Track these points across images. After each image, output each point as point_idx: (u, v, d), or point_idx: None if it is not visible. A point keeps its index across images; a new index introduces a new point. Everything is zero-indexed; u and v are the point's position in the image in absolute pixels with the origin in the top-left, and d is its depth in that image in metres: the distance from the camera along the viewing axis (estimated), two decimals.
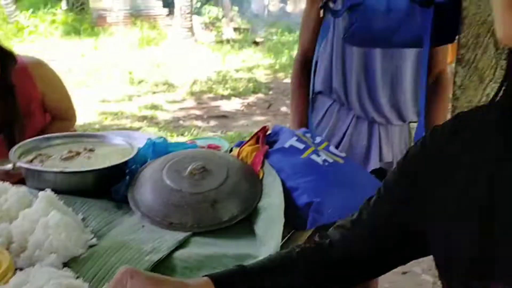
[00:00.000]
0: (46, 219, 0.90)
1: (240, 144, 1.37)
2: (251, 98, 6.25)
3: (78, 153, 1.25)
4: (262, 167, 1.19)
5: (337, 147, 1.42)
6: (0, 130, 1.61)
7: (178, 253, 0.92)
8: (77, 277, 0.83)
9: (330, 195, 1.08)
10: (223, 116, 5.47)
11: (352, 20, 1.33)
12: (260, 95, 6.43)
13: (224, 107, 5.87)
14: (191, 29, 9.78)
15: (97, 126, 4.93)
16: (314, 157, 1.16)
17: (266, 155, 1.21)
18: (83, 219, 1.04)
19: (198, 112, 5.59)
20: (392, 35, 1.35)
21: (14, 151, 1.21)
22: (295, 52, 1.76)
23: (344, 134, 1.55)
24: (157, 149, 1.28)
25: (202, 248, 0.95)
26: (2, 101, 1.58)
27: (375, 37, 1.37)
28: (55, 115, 1.77)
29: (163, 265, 0.88)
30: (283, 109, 5.80)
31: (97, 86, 6.77)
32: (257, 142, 1.30)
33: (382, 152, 1.56)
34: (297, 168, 1.13)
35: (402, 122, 1.58)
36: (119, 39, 9.41)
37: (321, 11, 1.48)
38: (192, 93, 6.39)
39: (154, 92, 6.38)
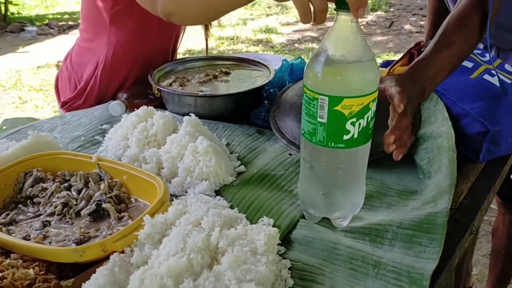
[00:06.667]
0: (194, 144, 0.86)
1: (387, 64, 1.21)
2: (370, 17, 5.81)
3: (215, 76, 1.19)
4: None
5: None
6: None
7: None
8: (231, 206, 0.79)
9: (510, 122, 0.90)
10: None
11: None
12: (379, 12, 5.95)
13: None
14: None
15: (214, 52, 4.96)
16: (487, 77, 0.97)
17: None
18: (227, 145, 1.00)
19: (313, 34, 5.34)
20: None
21: (152, 75, 1.19)
22: None
23: None
24: (295, 71, 1.18)
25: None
26: None
27: None
28: None
29: None
30: (407, 27, 5.33)
31: None
32: (409, 61, 1.13)
33: None
34: (465, 90, 0.96)
35: None
36: None
37: None
38: None
39: (267, 15, 6.23)
